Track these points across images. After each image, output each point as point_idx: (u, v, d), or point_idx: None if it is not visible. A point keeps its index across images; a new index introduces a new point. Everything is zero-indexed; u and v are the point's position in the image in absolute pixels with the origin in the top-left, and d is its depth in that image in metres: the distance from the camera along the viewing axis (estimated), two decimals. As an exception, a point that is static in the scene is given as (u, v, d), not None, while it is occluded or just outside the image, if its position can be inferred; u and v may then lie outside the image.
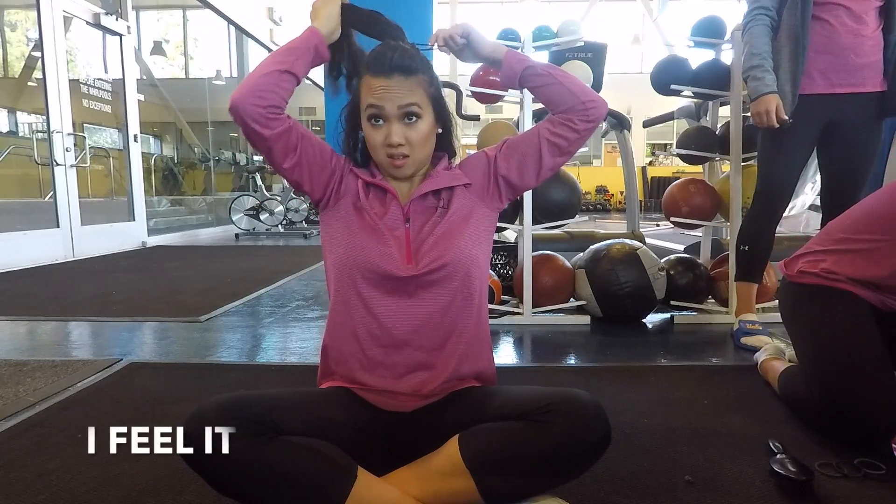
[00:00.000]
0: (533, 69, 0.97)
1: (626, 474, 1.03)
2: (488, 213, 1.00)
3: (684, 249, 3.03)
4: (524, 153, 0.97)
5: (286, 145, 0.90)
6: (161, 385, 1.52)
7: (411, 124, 0.91)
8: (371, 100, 0.90)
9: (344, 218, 0.95)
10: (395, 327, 0.90)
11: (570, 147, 0.97)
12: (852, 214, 1.35)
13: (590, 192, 12.52)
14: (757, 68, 1.74)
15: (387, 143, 0.90)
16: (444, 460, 0.81)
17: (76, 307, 2.57)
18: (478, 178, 0.99)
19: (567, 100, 0.95)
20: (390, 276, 0.89)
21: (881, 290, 1.26)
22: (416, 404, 0.92)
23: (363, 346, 0.91)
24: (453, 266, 0.91)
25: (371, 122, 0.91)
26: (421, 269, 0.90)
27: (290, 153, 0.91)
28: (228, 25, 7.79)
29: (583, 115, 0.95)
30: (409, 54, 0.91)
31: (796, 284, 1.36)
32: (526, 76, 0.97)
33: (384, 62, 0.89)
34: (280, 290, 2.99)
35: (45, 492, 0.98)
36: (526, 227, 2.19)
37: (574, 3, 9.75)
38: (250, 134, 0.88)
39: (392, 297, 0.91)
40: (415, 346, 0.91)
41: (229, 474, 0.75)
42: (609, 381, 1.55)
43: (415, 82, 0.90)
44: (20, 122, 5.61)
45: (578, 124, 0.95)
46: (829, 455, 1.08)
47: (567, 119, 0.95)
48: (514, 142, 0.99)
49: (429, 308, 0.91)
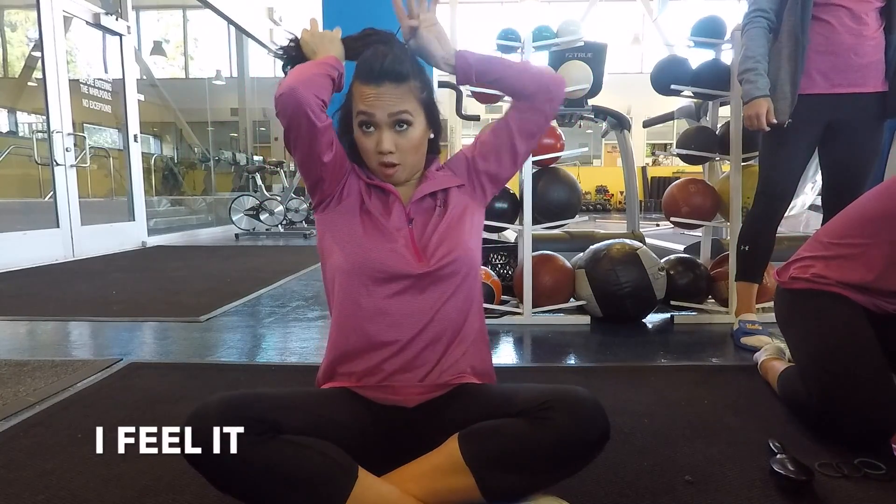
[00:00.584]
0: (488, 63, 0.97)
1: (626, 474, 1.03)
2: (478, 208, 1.03)
3: (684, 249, 3.03)
4: (497, 146, 1.00)
5: (330, 139, 0.91)
6: (161, 385, 1.51)
7: (402, 132, 0.91)
8: (362, 107, 0.90)
9: (350, 218, 0.95)
10: (405, 324, 0.91)
11: (539, 130, 1.01)
12: (838, 220, 1.37)
13: (590, 192, 12.52)
14: (750, 71, 1.75)
15: (378, 150, 0.91)
16: (444, 459, 0.81)
17: (76, 307, 2.57)
18: (463, 178, 1.03)
19: (528, 86, 0.96)
20: (403, 275, 0.91)
21: (870, 293, 1.27)
22: (419, 399, 0.93)
23: (373, 345, 0.92)
24: (461, 261, 0.93)
25: (362, 129, 0.92)
26: (433, 265, 0.91)
27: (329, 147, 0.91)
28: (228, 25, 7.79)
29: (546, 95, 0.96)
30: (399, 60, 0.90)
31: (789, 290, 1.37)
32: (482, 71, 0.97)
33: (374, 69, 0.89)
34: (280, 290, 2.99)
35: (45, 492, 0.98)
36: (526, 227, 2.19)
37: (574, 3, 9.74)
38: (302, 122, 0.85)
39: (402, 295, 0.91)
40: (424, 340, 0.92)
41: (230, 472, 0.75)
42: (609, 380, 1.55)
43: (405, 89, 0.90)
44: (20, 122, 5.61)
45: (545, 106, 0.97)
46: (829, 455, 1.08)
47: (531, 105, 0.97)
48: (486, 138, 1.02)
49: (437, 303, 0.92)
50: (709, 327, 2.17)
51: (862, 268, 1.25)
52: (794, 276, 1.37)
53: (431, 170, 1.01)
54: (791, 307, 1.37)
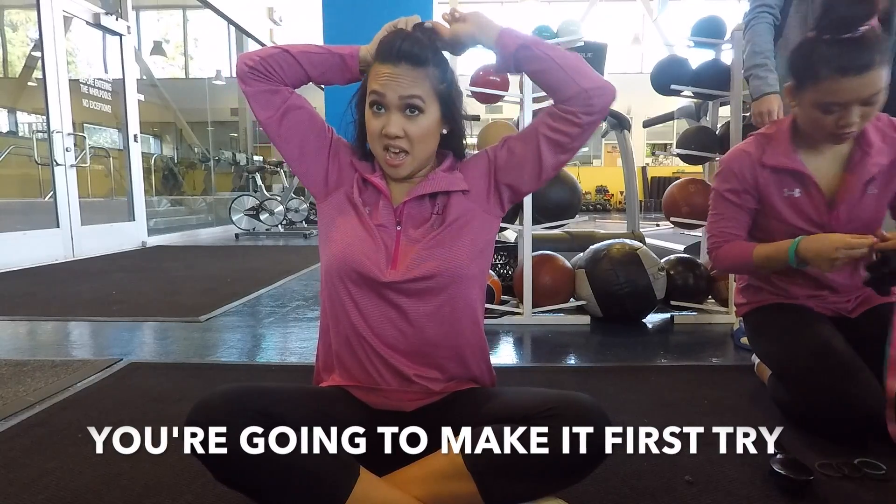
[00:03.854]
0: (528, 49, 0.88)
1: (627, 474, 1.03)
2: (488, 219, 0.95)
3: (684, 249, 3.03)
4: (522, 155, 0.91)
5: (266, 102, 0.93)
6: (161, 385, 1.52)
7: (412, 117, 0.88)
8: (375, 86, 0.88)
9: (336, 213, 0.94)
10: (383, 331, 0.89)
11: (572, 143, 0.89)
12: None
13: (590, 192, 12.51)
14: (759, 67, 1.71)
15: (384, 132, 0.88)
16: (445, 463, 0.80)
17: (76, 307, 2.57)
18: (479, 182, 0.95)
19: (567, 88, 0.86)
20: (371, 280, 0.88)
21: (808, 286, 1.32)
22: (416, 404, 0.92)
23: (353, 348, 0.91)
24: (440, 278, 0.87)
25: (373, 110, 0.89)
26: (402, 276, 0.87)
27: (265, 108, 0.93)
28: (228, 25, 7.78)
29: (585, 105, 0.85)
30: (420, 44, 0.87)
31: (747, 315, 1.44)
32: (521, 58, 0.88)
33: (392, 49, 0.87)
34: (280, 290, 2.99)
35: (44, 492, 0.98)
36: (526, 227, 2.19)
37: (574, 3, 9.74)
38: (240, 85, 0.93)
39: (379, 300, 0.89)
40: (401, 351, 0.89)
41: (233, 465, 0.75)
42: (609, 381, 1.55)
43: (422, 74, 0.87)
44: (20, 122, 5.61)
45: (581, 118, 0.86)
46: (829, 455, 1.08)
47: (567, 111, 0.86)
48: (514, 142, 0.93)
49: (410, 316, 0.88)
50: (709, 327, 2.17)
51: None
52: (739, 304, 1.47)
53: (438, 170, 0.94)
54: (755, 328, 1.41)
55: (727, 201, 1.32)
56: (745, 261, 1.29)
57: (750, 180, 1.29)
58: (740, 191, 1.30)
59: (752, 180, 1.29)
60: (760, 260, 1.26)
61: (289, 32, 8.46)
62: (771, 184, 1.28)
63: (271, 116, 0.93)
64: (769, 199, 1.28)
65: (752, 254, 1.27)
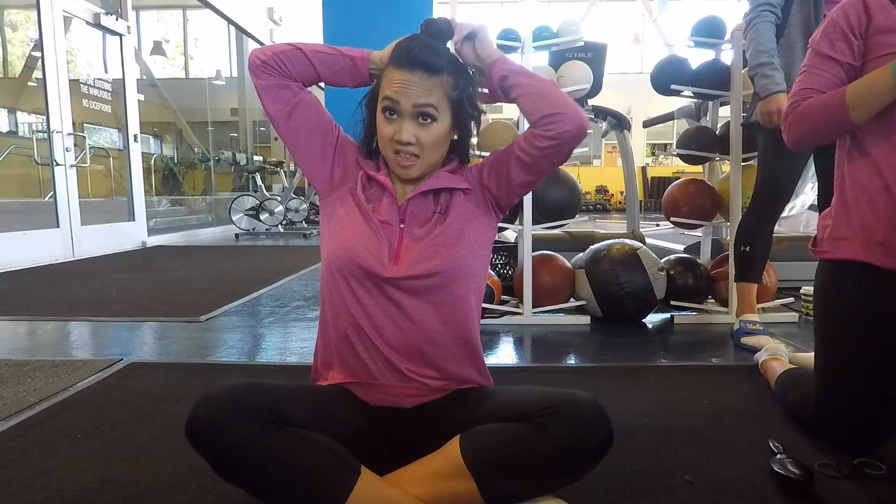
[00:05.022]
0: (505, 80, 0.91)
1: (626, 474, 1.03)
2: (488, 220, 0.98)
3: (684, 249, 3.03)
4: (499, 170, 0.95)
5: (275, 96, 0.93)
6: (161, 385, 1.52)
7: (425, 125, 0.89)
8: (388, 92, 0.89)
9: (339, 208, 0.95)
10: (382, 326, 0.90)
11: (535, 165, 0.90)
12: None
13: (590, 192, 12.52)
14: (765, 66, 1.70)
15: (396, 139, 0.89)
16: (444, 461, 0.80)
17: (76, 307, 2.57)
18: (475, 188, 0.98)
19: (535, 112, 0.88)
20: (373, 275, 0.89)
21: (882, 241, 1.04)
22: (414, 401, 0.92)
23: (352, 342, 0.91)
24: (441, 276, 0.89)
25: (385, 115, 0.90)
26: (404, 272, 0.88)
27: (274, 102, 0.93)
28: (228, 25, 7.79)
29: (544, 129, 0.87)
30: (436, 52, 0.88)
31: (820, 263, 1.18)
32: (503, 87, 0.92)
33: (409, 56, 0.87)
34: (280, 290, 2.99)
35: (44, 492, 0.98)
36: (526, 227, 2.19)
37: (574, 3, 9.74)
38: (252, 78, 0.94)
39: (379, 295, 0.90)
40: (396, 347, 0.90)
41: (235, 461, 0.75)
42: (609, 381, 1.55)
43: (436, 83, 0.88)
44: (20, 122, 5.60)
45: (542, 141, 0.87)
46: (829, 455, 1.08)
47: (534, 134, 0.89)
48: (497, 155, 0.96)
49: (409, 313, 0.89)
50: (709, 327, 2.17)
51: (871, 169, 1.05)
52: (819, 238, 1.18)
53: (442, 171, 0.97)
54: (818, 289, 1.18)
55: (817, 55, 1.12)
56: (833, 108, 1.05)
57: (855, 23, 1.08)
58: (837, 39, 1.09)
59: (858, 21, 1.07)
60: (855, 96, 1.03)
61: (289, 32, 8.46)
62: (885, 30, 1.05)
63: (280, 111, 0.94)
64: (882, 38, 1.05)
65: (845, 93, 1.04)
